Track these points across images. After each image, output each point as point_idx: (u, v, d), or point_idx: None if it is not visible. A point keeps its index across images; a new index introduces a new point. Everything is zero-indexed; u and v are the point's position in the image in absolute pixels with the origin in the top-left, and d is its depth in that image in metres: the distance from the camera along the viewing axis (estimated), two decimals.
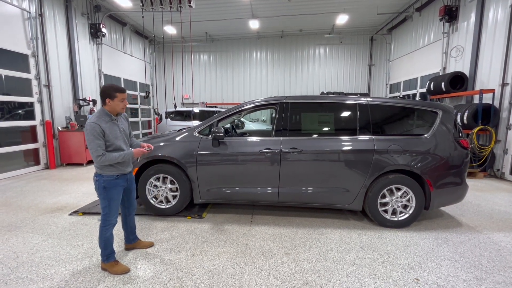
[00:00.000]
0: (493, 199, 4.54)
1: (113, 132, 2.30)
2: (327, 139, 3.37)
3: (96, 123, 2.21)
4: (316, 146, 3.31)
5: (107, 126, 2.27)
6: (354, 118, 3.41)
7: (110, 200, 2.33)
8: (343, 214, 3.80)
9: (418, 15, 9.14)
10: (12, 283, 2.26)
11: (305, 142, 3.34)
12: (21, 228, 3.33)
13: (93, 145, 2.19)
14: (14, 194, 4.77)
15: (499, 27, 5.98)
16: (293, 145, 3.32)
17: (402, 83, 10.36)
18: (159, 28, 10.71)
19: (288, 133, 3.42)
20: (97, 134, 2.19)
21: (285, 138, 3.39)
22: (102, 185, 2.29)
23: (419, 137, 3.28)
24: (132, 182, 2.60)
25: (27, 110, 6.53)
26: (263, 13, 9.84)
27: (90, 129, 2.20)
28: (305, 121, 3.59)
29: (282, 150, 3.31)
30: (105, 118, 2.29)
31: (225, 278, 2.35)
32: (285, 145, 3.33)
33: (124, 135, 2.43)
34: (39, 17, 6.64)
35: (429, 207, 3.27)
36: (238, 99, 13.18)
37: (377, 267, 2.53)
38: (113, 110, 2.34)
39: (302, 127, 3.57)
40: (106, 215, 2.35)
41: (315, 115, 3.68)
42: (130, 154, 2.36)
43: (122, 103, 2.34)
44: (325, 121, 3.63)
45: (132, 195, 2.64)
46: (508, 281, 2.33)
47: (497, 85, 5.99)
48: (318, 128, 3.69)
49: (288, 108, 3.49)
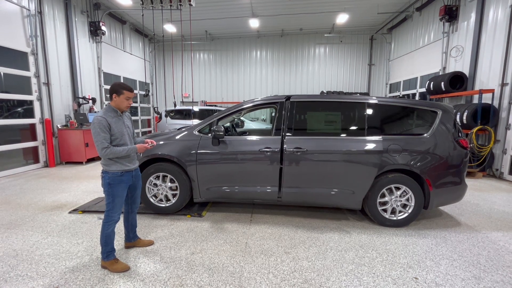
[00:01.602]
0: (492, 199, 4.55)
1: (118, 127, 2.38)
2: (332, 139, 3.34)
3: (103, 117, 2.29)
4: (322, 145, 3.30)
5: (113, 121, 2.35)
6: (362, 118, 3.37)
7: (114, 196, 2.37)
8: (342, 213, 3.81)
9: (418, 14, 9.14)
10: (12, 281, 2.26)
11: (309, 142, 3.32)
12: (21, 226, 3.33)
13: (99, 138, 2.25)
14: (13, 192, 4.77)
15: (499, 27, 5.99)
16: (297, 145, 3.31)
17: (402, 82, 10.37)
18: (159, 26, 10.69)
19: (288, 132, 3.41)
20: (103, 127, 2.26)
21: (291, 137, 3.37)
22: (107, 181, 2.36)
23: (418, 137, 3.29)
24: (138, 179, 2.64)
25: (26, 108, 6.52)
26: (263, 12, 9.83)
27: (96, 122, 2.27)
28: (305, 120, 3.57)
29: (286, 149, 3.30)
30: (111, 113, 2.38)
31: (225, 276, 2.36)
32: (289, 145, 3.32)
33: (129, 131, 2.51)
34: (39, 15, 6.61)
35: (428, 207, 3.28)
36: (238, 98, 13.17)
37: (376, 266, 2.54)
38: (118, 106, 2.41)
39: (306, 126, 3.53)
40: (109, 211, 2.39)
41: (319, 114, 3.62)
42: (133, 149, 2.42)
43: (127, 101, 2.41)
44: (330, 120, 3.58)
45: (137, 193, 2.67)
46: (506, 280, 2.34)
47: (496, 85, 6.00)
48: (323, 128, 3.65)
49: (289, 107, 3.48)
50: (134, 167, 2.52)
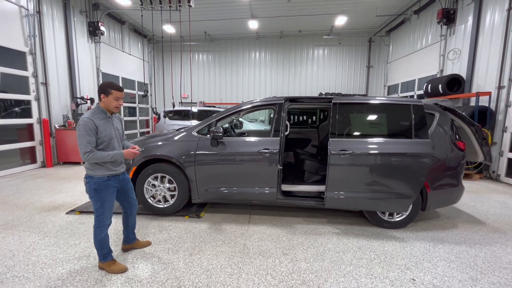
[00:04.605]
0: (489, 201, 4.58)
1: (107, 129, 2.26)
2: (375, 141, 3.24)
3: (90, 119, 2.17)
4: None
5: (101, 123, 2.23)
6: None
7: (103, 202, 2.27)
8: (340, 215, 3.82)
9: (416, 17, 9.20)
10: (8, 282, 2.25)
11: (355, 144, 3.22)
12: (18, 227, 3.31)
13: (83, 141, 2.13)
14: (10, 192, 4.74)
15: (496, 30, 6.04)
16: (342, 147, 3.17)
17: (400, 84, 10.43)
18: (158, 27, 10.67)
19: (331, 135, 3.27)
20: (89, 130, 2.14)
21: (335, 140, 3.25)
22: (93, 187, 2.24)
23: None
24: (127, 183, 2.54)
25: (24, 108, 6.48)
26: (263, 13, 9.86)
27: (82, 124, 2.14)
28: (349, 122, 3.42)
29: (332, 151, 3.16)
30: (99, 115, 2.26)
31: (223, 277, 2.35)
32: (333, 146, 3.18)
33: (118, 134, 2.40)
34: (37, 15, 6.59)
35: (426, 208, 3.30)
36: (237, 99, 13.18)
37: (374, 267, 2.55)
38: (106, 107, 2.29)
39: (351, 129, 3.41)
40: (99, 217, 2.30)
41: (362, 116, 3.51)
42: (119, 155, 2.27)
43: (116, 102, 2.28)
44: (374, 123, 3.48)
45: (131, 195, 2.59)
46: (502, 282, 2.36)
47: (493, 88, 6.05)
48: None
49: (335, 110, 3.35)
50: (121, 171, 2.41)
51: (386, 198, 3.19)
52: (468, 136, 3.53)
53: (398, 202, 3.19)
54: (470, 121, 3.40)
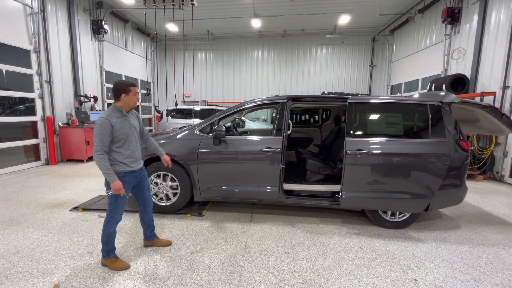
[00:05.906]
0: (492, 202, 4.55)
1: (123, 128, 2.34)
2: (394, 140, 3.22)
3: (106, 119, 2.25)
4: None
5: (117, 121, 2.31)
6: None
7: (117, 197, 2.35)
8: (342, 214, 3.82)
9: (421, 16, 9.13)
10: (13, 277, 2.27)
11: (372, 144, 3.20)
12: (22, 223, 3.35)
13: (97, 140, 2.22)
14: (14, 189, 4.79)
15: (501, 30, 5.98)
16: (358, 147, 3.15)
17: (403, 84, 10.36)
18: (161, 25, 10.71)
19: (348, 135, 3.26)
20: (104, 130, 2.22)
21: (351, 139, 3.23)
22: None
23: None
24: (144, 179, 2.60)
25: (28, 106, 6.53)
26: (265, 12, 9.84)
27: (99, 123, 2.24)
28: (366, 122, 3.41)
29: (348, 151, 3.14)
30: (116, 114, 2.34)
31: (225, 275, 2.36)
32: (349, 146, 3.15)
33: (134, 132, 2.46)
34: (41, 13, 6.63)
35: (429, 209, 3.28)
36: (239, 98, 13.18)
37: (375, 267, 2.55)
38: (126, 105, 2.38)
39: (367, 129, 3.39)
40: (111, 211, 2.37)
41: (380, 116, 3.48)
42: (112, 179, 2.23)
43: (135, 97, 2.41)
44: (391, 122, 3.44)
45: (145, 192, 2.63)
46: (505, 283, 2.34)
47: (498, 88, 6.00)
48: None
49: (352, 110, 3.32)
50: (138, 168, 2.49)
51: (402, 198, 3.18)
52: (489, 119, 3.50)
53: (414, 202, 3.18)
54: (481, 104, 3.37)
